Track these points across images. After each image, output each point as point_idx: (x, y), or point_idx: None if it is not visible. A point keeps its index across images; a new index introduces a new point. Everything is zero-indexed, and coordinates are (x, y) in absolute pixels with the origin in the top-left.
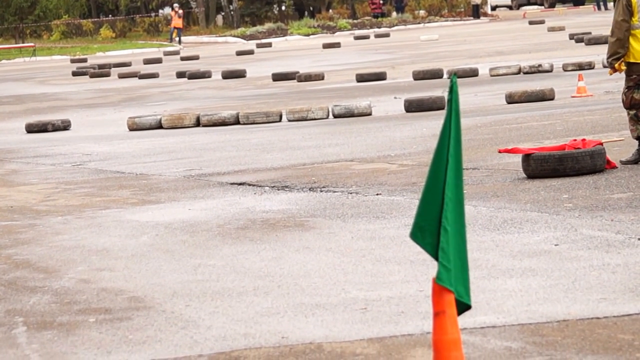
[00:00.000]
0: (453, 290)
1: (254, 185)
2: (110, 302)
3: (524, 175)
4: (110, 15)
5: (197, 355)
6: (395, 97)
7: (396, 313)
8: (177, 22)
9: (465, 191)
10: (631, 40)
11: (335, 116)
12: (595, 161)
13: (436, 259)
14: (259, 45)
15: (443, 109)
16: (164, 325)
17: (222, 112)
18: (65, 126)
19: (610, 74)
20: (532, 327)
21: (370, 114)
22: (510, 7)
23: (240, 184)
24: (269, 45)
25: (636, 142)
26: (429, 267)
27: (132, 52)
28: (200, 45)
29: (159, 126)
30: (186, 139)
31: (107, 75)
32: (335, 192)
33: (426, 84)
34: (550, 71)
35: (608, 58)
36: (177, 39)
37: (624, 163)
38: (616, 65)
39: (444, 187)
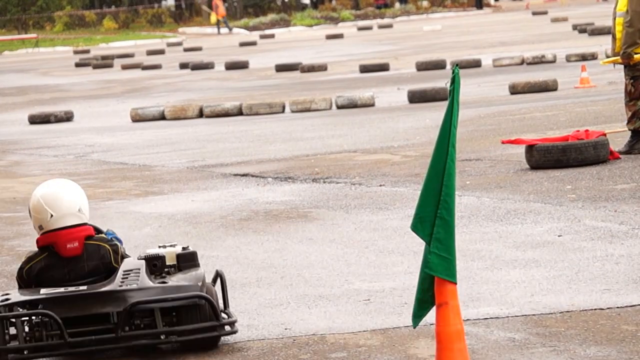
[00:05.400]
0: (448, 280)
1: (257, 177)
2: None
3: (527, 166)
4: (113, 7)
5: None
6: (398, 88)
7: (399, 304)
8: (222, 10)
9: (468, 182)
10: None
11: (338, 107)
12: (599, 152)
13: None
14: (262, 37)
15: (446, 99)
16: None
17: (225, 103)
18: (68, 117)
19: (604, 64)
20: (535, 318)
21: (373, 105)
22: None
23: (243, 175)
24: (272, 36)
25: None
26: None
27: (135, 43)
28: (203, 37)
29: (162, 117)
30: (189, 130)
31: (110, 66)
32: (338, 183)
33: (429, 75)
34: (554, 62)
35: (627, 48)
36: (225, 27)
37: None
38: (637, 57)
39: (442, 177)
